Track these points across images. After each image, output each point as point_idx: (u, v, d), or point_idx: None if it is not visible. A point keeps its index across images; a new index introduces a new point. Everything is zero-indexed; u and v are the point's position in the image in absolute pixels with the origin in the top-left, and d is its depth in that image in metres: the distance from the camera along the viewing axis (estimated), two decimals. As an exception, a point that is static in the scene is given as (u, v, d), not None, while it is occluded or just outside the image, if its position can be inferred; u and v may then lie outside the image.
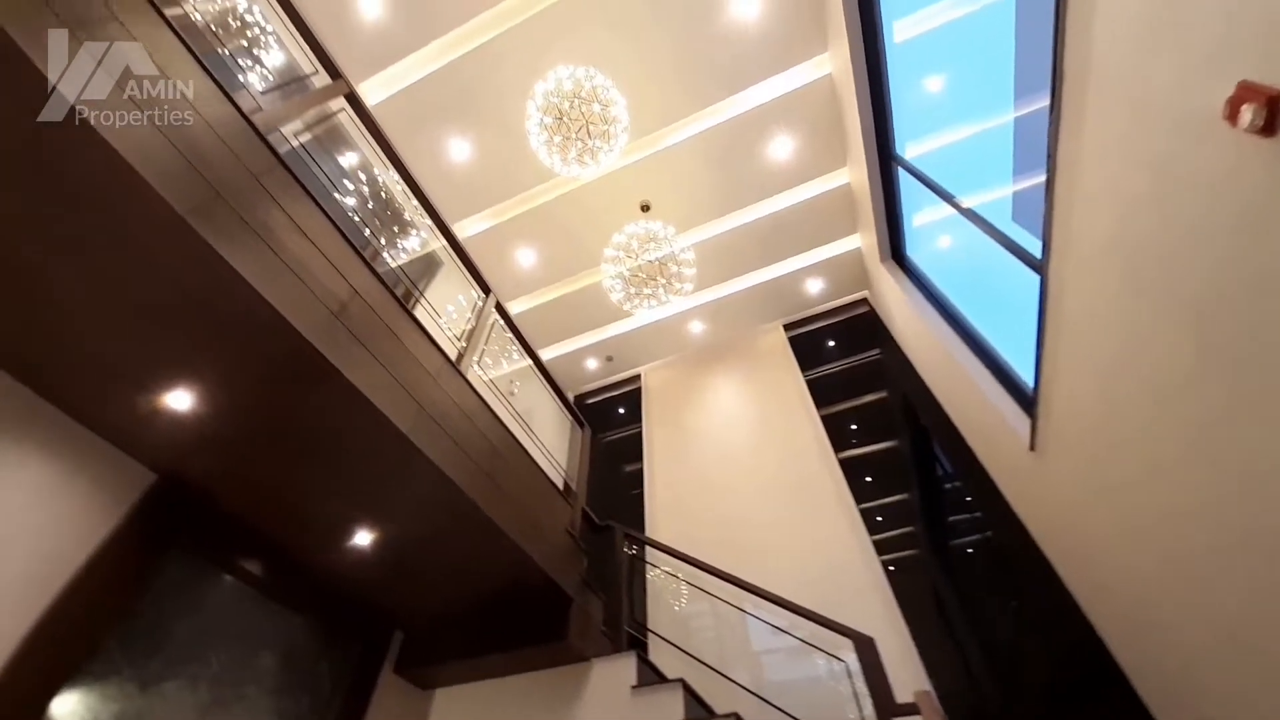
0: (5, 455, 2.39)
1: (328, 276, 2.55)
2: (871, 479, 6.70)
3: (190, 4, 2.86)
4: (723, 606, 4.27)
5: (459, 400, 3.18)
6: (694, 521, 5.68)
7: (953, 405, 4.71)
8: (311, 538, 3.18)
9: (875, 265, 6.09)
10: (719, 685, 3.62)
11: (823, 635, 3.39)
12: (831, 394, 6.46)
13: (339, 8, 4.79)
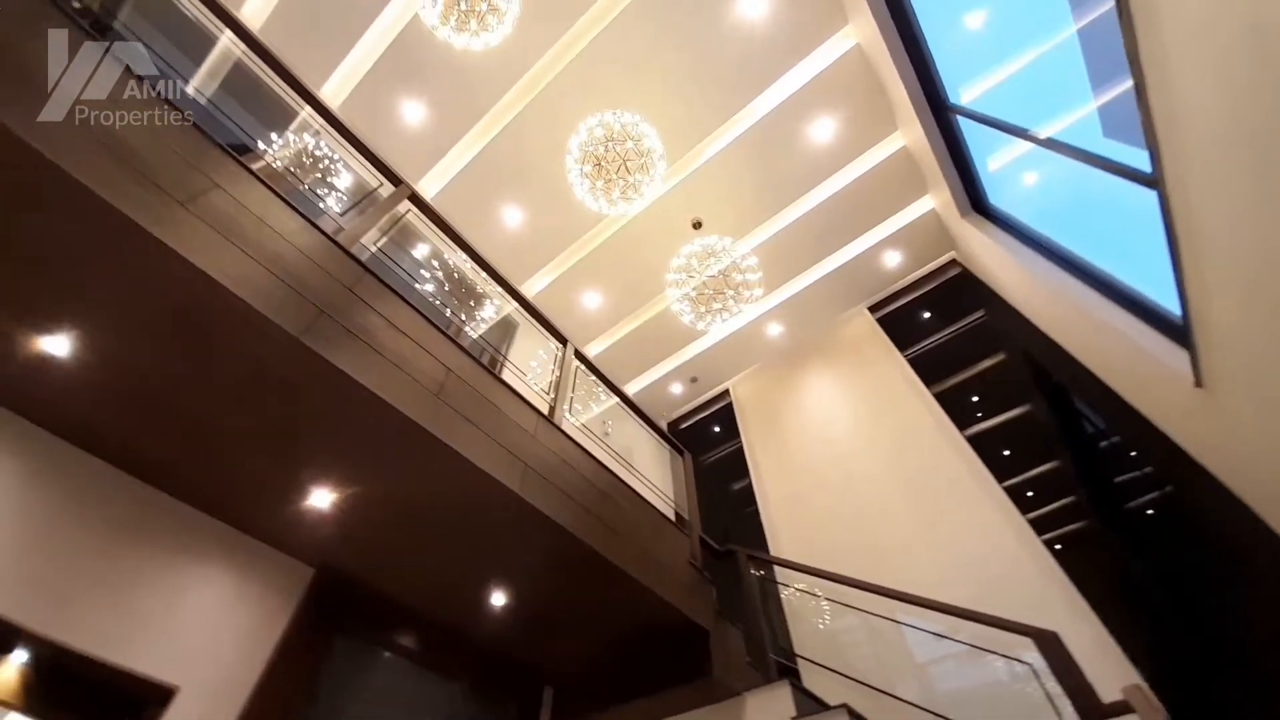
0: (196, 573, 2.75)
1: (424, 361, 2.75)
2: (1009, 452, 6.06)
3: (270, 157, 3.29)
4: (873, 619, 3.97)
5: (559, 451, 3.27)
6: (819, 530, 5.39)
7: (1088, 353, 4.18)
8: (454, 606, 3.36)
9: (956, 223, 5.65)
10: (886, 706, 3.33)
11: (994, 635, 3.05)
12: (940, 369, 5.98)
13: (387, 123, 5.31)
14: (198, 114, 2.53)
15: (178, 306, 2.15)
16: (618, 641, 3.57)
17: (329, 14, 4.91)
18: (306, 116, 3.84)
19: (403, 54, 5.06)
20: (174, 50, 3.20)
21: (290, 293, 2.33)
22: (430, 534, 2.98)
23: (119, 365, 2.35)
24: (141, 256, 2.02)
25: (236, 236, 2.27)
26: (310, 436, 2.57)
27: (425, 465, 2.63)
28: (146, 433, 2.60)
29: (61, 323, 2.22)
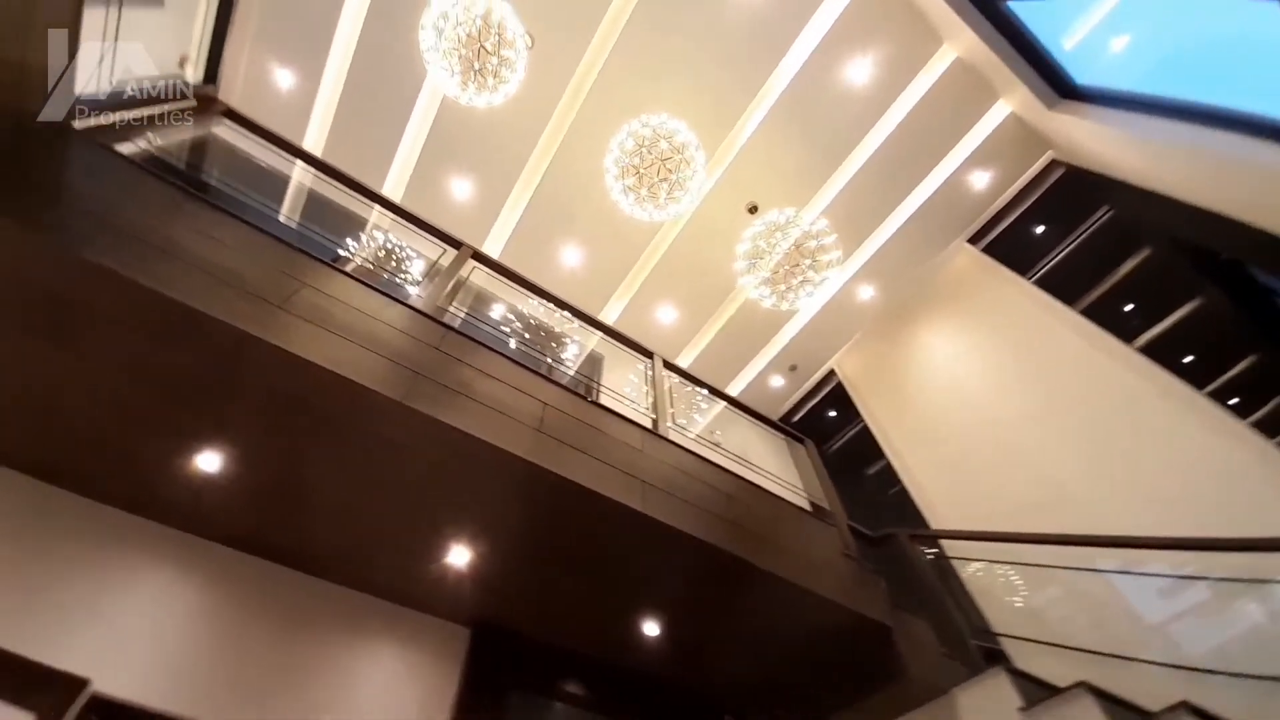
0: (365, 652, 2.86)
1: (520, 401, 2.75)
2: (1194, 356, 5.10)
3: (349, 250, 3.55)
4: (1082, 581, 3.36)
5: (673, 462, 3.12)
6: (981, 493, 4.76)
7: (1260, 211, 3.43)
8: (613, 641, 3.24)
9: (1045, 118, 4.98)
10: (1127, 675, 2.74)
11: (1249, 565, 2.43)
12: (1075, 284, 5.21)
13: (442, 200, 5.67)
14: (283, 233, 2.78)
15: (298, 398, 2.29)
16: (791, 655, 3.26)
17: (375, 122, 5.37)
18: (376, 212, 4.15)
19: (441, 135, 5.39)
20: (254, 180, 3.58)
21: (387, 364, 2.42)
22: (568, 570, 2.91)
23: (263, 467, 2.54)
24: (256, 360, 2.17)
25: (331, 325, 2.40)
26: (435, 495, 2.62)
27: (544, 501, 2.59)
28: (300, 527, 2.78)
29: (208, 440, 2.43)
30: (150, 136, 2.85)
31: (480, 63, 3.70)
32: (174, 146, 3.07)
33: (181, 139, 3.15)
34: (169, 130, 3.02)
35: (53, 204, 2.09)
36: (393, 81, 5.16)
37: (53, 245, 1.96)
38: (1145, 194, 4.58)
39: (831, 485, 4.05)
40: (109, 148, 2.49)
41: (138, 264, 2.05)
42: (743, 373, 7.12)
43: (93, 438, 2.46)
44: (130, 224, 2.22)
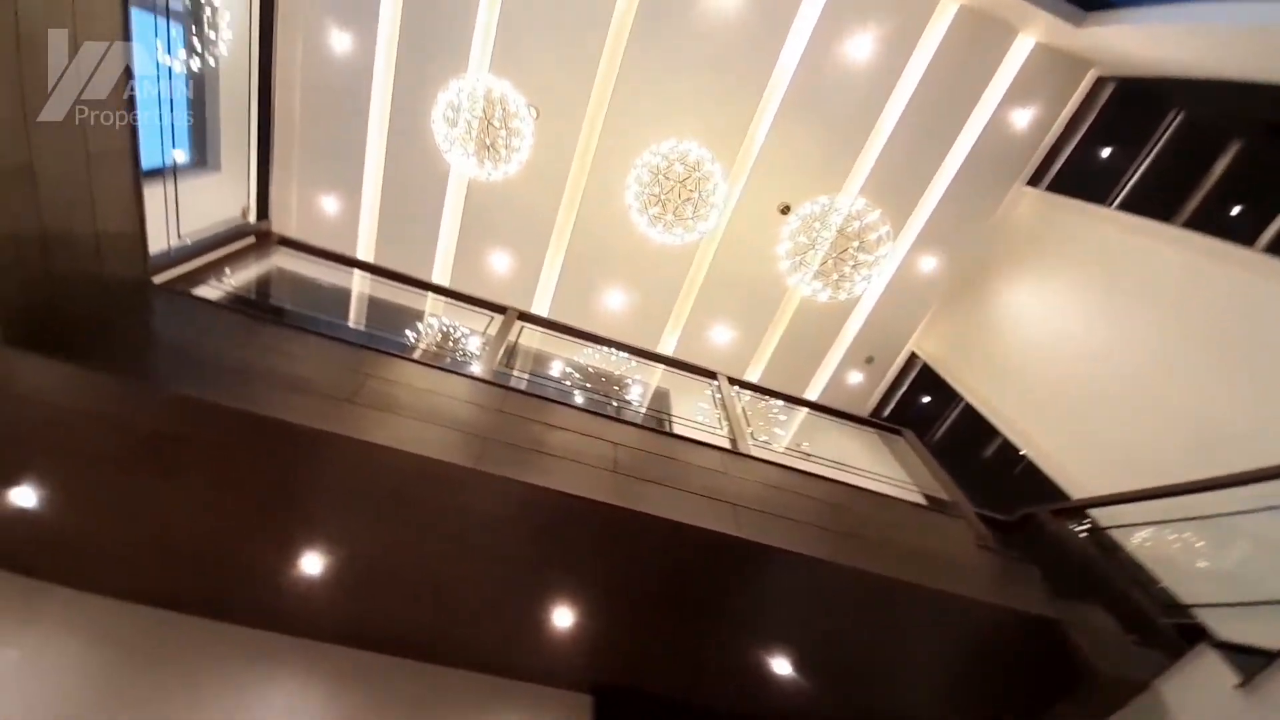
0: (490, 735, 2.76)
1: (590, 446, 2.68)
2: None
3: (423, 346, 3.72)
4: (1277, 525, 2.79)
5: (761, 479, 2.92)
6: (1124, 451, 4.17)
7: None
8: (746, 689, 2.98)
9: (1077, 36, 4.62)
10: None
11: None
12: (1165, 199, 4.65)
13: (486, 275, 5.90)
14: (347, 335, 2.94)
15: (377, 483, 2.33)
16: (952, 675, 2.88)
17: (414, 220, 5.75)
18: (429, 298, 4.35)
19: (473, 215, 5.69)
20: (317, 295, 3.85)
21: (455, 434, 2.43)
22: (678, 614, 2.73)
23: (360, 558, 2.58)
24: (334, 453, 2.23)
25: (397, 408, 2.46)
26: (526, 557, 2.55)
27: (635, 543, 2.45)
28: (404, 613, 2.78)
29: (306, 541, 2.50)
30: (219, 276, 3.13)
31: (490, 138, 3.88)
32: (241, 279, 3.35)
33: (246, 271, 3.44)
34: (234, 266, 3.31)
35: (142, 352, 2.28)
36: (421, 180, 5.53)
37: (147, 389, 2.13)
38: (1215, 85, 4.10)
39: (945, 473, 3.68)
40: (185, 293, 2.74)
41: (220, 389, 2.19)
42: (816, 376, 6.79)
43: (205, 559, 2.59)
44: (210, 355, 2.40)
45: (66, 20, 1.82)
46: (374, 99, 5.19)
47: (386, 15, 4.90)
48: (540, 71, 4.93)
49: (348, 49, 4.97)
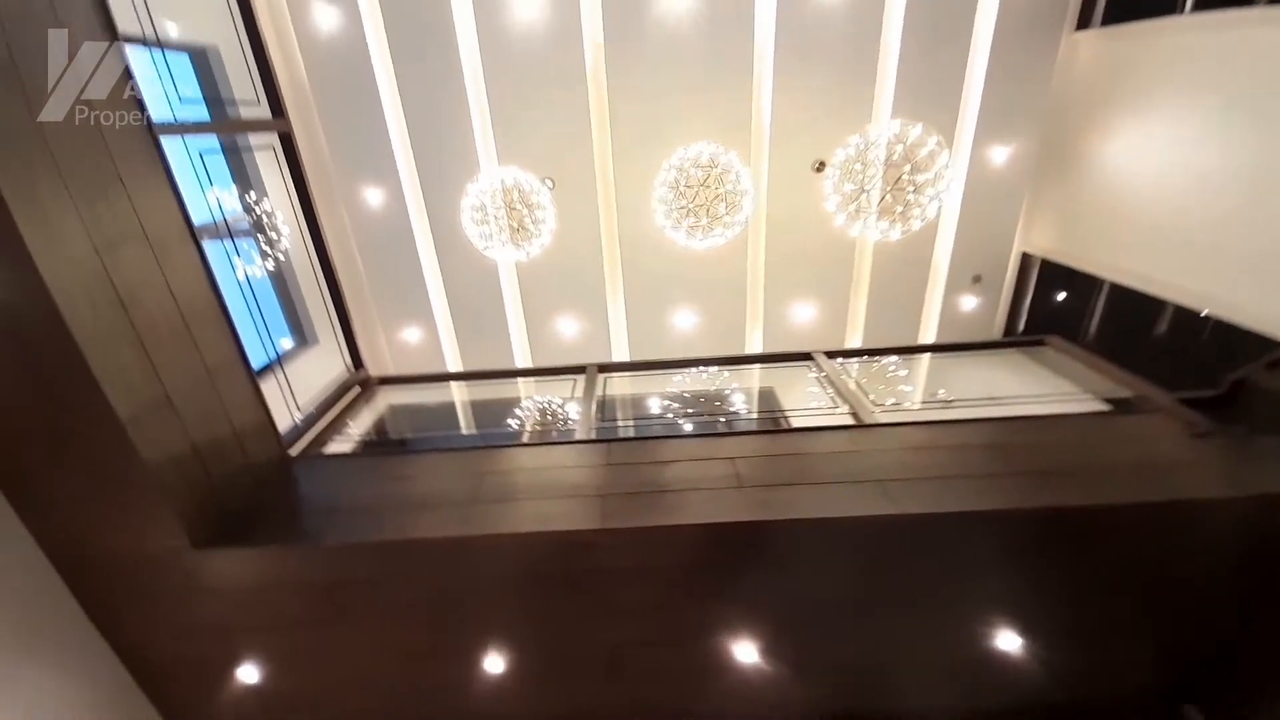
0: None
1: (709, 469, 2.58)
2: None
3: (525, 428, 3.86)
4: None
5: (902, 444, 2.64)
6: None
7: None
8: (983, 683, 2.63)
9: None
10: None
11: None
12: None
13: (561, 343, 6.09)
14: (456, 443, 3.13)
15: (519, 571, 2.38)
16: (1207, 604, 2.36)
17: (484, 318, 6.12)
18: (519, 384, 4.56)
19: (530, 296, 5.95)
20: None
21: (575, 501, 2.45)
22: (876, 618, 2.48)
23: (533, 648, 2.62)
24: (474, 554, 2.32)
25: (516, 494, 2.53)
26: (690, 600, 2.46)
27: (788, 553, 2.28)
28: (593, 691, 2.77)
29: (482, 645, 2.59)
30: (340, 430, 3.47)
31: (517, 221, 4.07)
32: (359, 426, 3.69)
33: (361, 418, 3.79)
34: (351, 417, 3.66)
35: (296, 518, 2.54)
36: (477, 282, 5.90)
37: (307, 549, 2.35)
38: None
39: (1118, 369, 3.15)
40: (318, 455, 3.06)
41: (363, 529, 2.37)
42: (924, 316, 6.21)
43: (401, 686, 2.76)
44: (349, 501, 2.63)
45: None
46: (415, 231, 5.67)
47: (402, 160, 5.39)
48: (542, 143, 5.15)
49: (381, 200, 5.52)
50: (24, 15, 1.73)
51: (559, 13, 4.70)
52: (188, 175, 2.71)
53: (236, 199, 3.75)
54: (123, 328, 2.00)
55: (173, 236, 2.29)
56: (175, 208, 2.32)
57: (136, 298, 2.06)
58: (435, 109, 5.16)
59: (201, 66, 3.78)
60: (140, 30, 2.36)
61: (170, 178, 2.30)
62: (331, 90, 5.09)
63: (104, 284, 1.93)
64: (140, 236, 2.11)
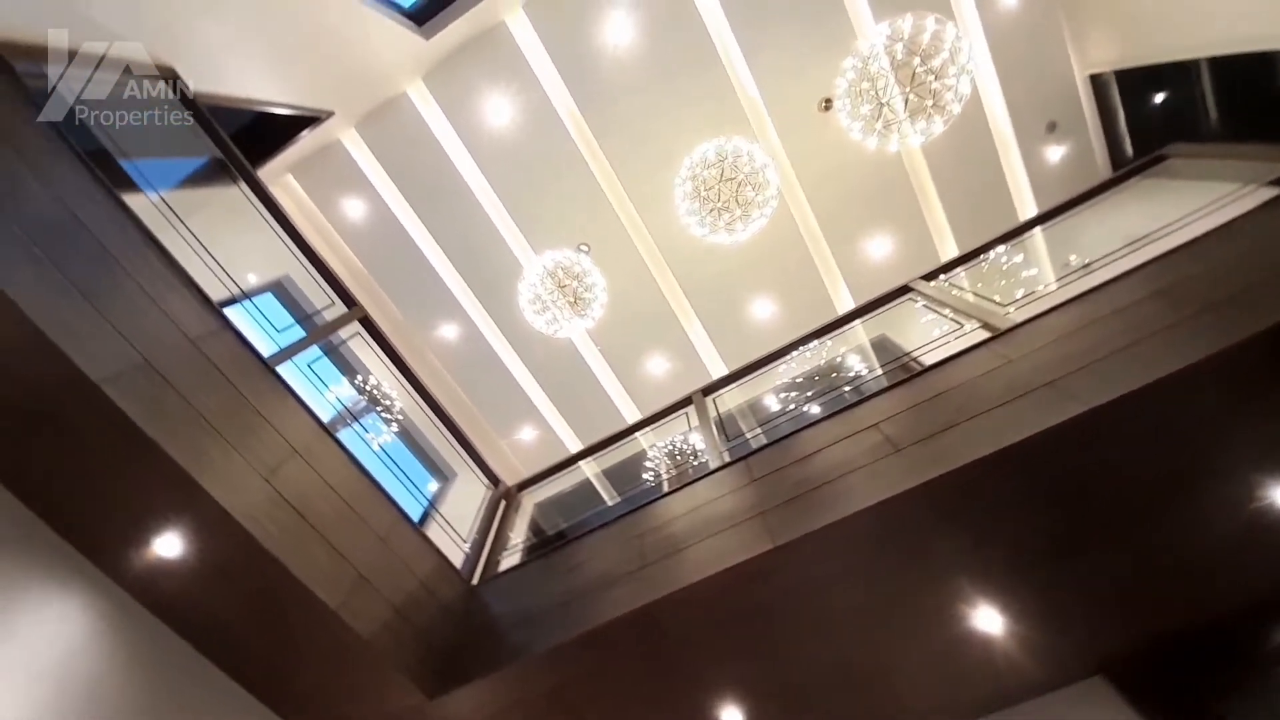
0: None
1: (856, 444, 2.42)
2: None
3: (662, 476, 3.88)
4: None
5: (1053, 334, 2.34)
6: None
7: None
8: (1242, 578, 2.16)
9: None
10: None
11: None
12: None
13: (657, 385, 6.13)
14: (605, 515, 3.19)
15: (716, 615, 2.32)
16: None
17: (585, 395, 6.34)
18: (640, 439, 4.61)
19: (613, 355, 6.10)
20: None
21: (737, 528, 2.37)
22: (1105, 542, 2.14)
23: (770, 688, 2.52)
24: (668, 615, 2.30)
25: (679, 544, 2.51)
26: (893, 591, 2.26)
27: (977, 499, 2.05)
28: (849, 709, 2.60)
29: (715, 698, 2.53)
30: (505, 544, 3.67)
31: (572, 296, 4.24)
32: (519, 533, 3.89)
33: (518, 526, 3.99)
34: (508, 528, 3.87)
35: (500, 637, 2.67)
36: (563, 364, 6.17)
37: (518, 664, 2.44)
38: None
39: (1260, 144, 2.62)
40: (495, 575, 3.24)
41: (558, 627, 2.44)
42: (1013, 191, 5.59)
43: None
44: (538, 605, 2.73)
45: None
46: (493, 345, 6.09)
47: (458, 291, 5.87)
48: (564, 219, 5.40)
49: (455, 332, 6.02)
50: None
51: (529, 105, 4.99)
52: (306, 385, 3.11)
53: (349, 387, 4.24)
54: (305, 530, 2.28)
55: (314, 440, 2.61)
56: (307, 417, 2.66)
57: (306, 501, 2.35)
58: (466, 236, 5.61)
59: (283, 295, 4.40)
60: (230, 293, 2.81)
61: (295, 396, 2.65)
62: (382, 263, 5.72)
63: (278, 502, 2.23)
64: (291, 452, 2.43)
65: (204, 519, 2.01)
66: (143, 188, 2.71)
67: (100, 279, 2.01)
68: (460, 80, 4.91)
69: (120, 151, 2.86)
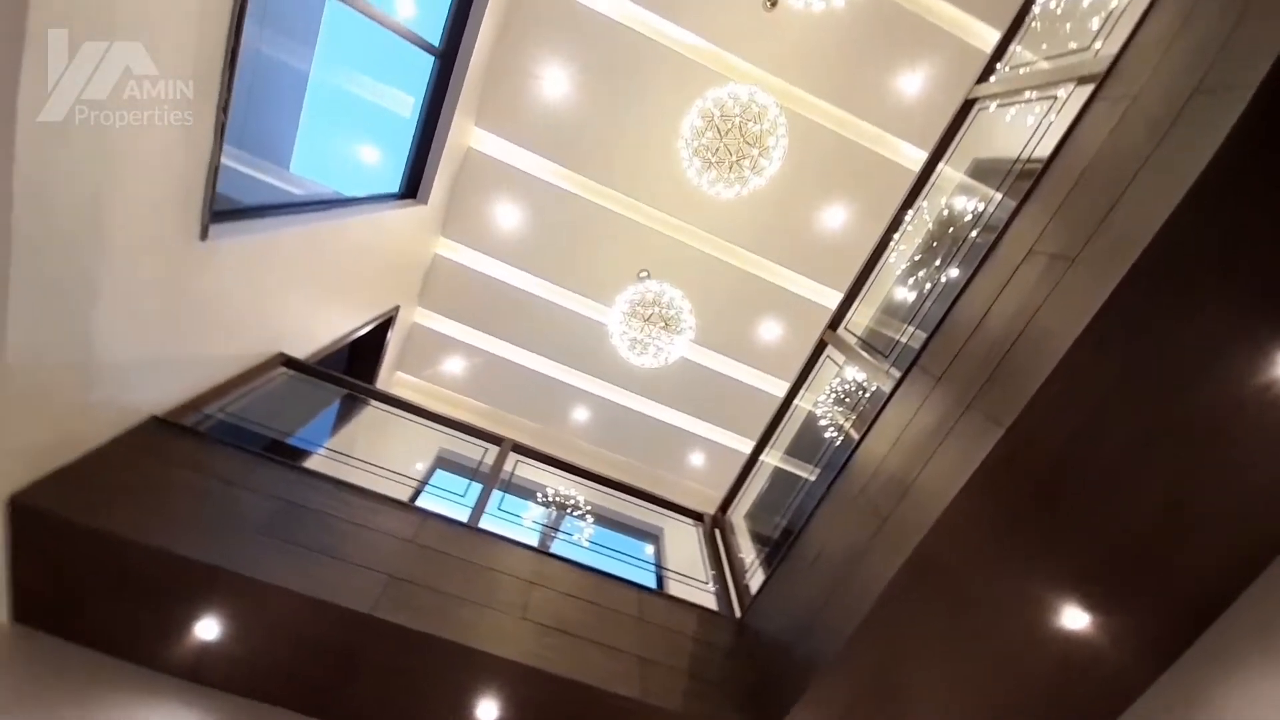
0: None
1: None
2: None
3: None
4: None
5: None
6: None
7: None
8: None
9: None
10: None
11: None
12: None
13: (777, 354, 5.90)
14: (814, 496, 3.07)
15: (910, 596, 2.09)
16: None
17: (728, 397, 6.27)
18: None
19: (722, 341, 6.01)
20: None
21: (953, 442, 2.16)
22: None
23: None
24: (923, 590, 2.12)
25: (914, 488, 2.33)
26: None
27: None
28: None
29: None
30: (742, 570, 3.65)
31: (661, 322, 4.29)
32: (748, 554, 3.86)
33: (743, 547, 3.97)
34: (737, 552, 3.86)
35: (792, 653, 2.62)
36: (698, 384, 6.18)
37: (830, 668, 2.35)
38: None
39: None
40: (752, 601, 3.22)
41: (840, 623, 2.35)
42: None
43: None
44: (804, 611, 2.65)
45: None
46: (623, 402, 6.28)
47: (567, 376, 6.18)
48: (614, 265, 5.53)
49: (586, 411, 6.30)
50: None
51: (529, 194, 5.27)
52: (507, 525, 3.41)
53: (537, 506, 4.58)
54: (576, 643, 2.44)
55: (538, 566, 2.82)
56: (522, 550, 2.89)
57: (562, 618, 2.53)
58: (547, 331, 6.01)
59: (447, 465, 4.90)
60: (413, 487, 3.22)
61: (504, 539, 2.92)
62: (499, 393, 6.23)
63: (543, 630, 2.42)
64: (528, 585, 2.64)
65: (499, 675, 2.23)
66: (313, 450, 3.21)
67: (324, 533, 2.38)
68: (467, 214, 5.32)
69: (283, 434, 3.42)
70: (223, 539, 2.17)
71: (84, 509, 2.02)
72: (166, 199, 2.11)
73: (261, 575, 2.08)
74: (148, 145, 1.97)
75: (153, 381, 2.50)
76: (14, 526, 1.95)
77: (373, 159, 4.90)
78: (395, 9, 4.02)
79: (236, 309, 2.92)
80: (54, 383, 1.96)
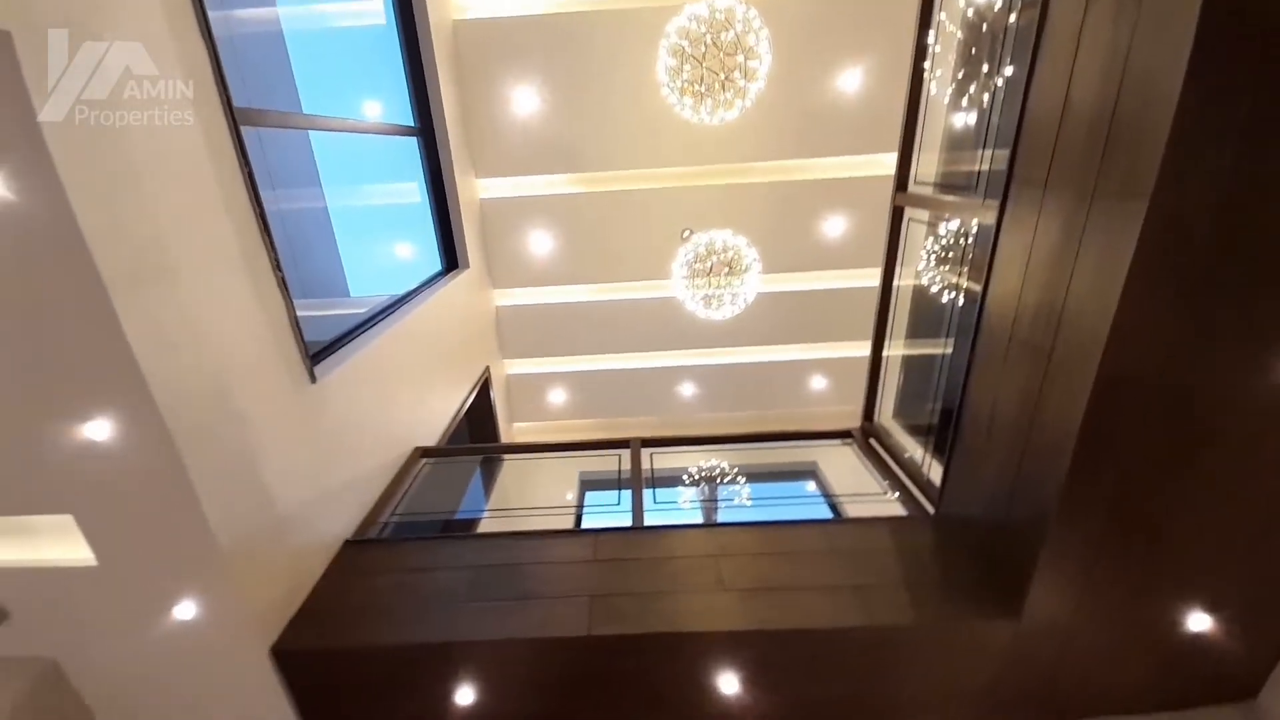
0: None
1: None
2: None
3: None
4: None
5: None
6: None
7: None
8: None
9: None
10: None
11: None
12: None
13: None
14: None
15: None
16: None
17: (835, 314, 5.97)
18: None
19: (798, 260, 5.72)
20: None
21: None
22: None
23: None
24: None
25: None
26: None
27: None
28: None
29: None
30: (917, 468, 3.46)
31: (725, 267, 4.17)
32: (918, 456, 3.64)
33: (905, 445, 3.75)
34: (908, 457, 3.66)
35: (1005, 529, 2.44)
36: (790, 310, 5.95)
37: (1045, 525, 2.17)
38: None
39: None
40: (939, 493, 3.04)
41: (1035, 479, 2.15)
42: None
43: None
44: (993, 478, 2.45)
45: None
46: (729, 361, 6.18)
47: (666, 361, 6.20)
48: (654, 242, 5.43)
49: (693, 388, 6.28)
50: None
51: (550, 211, 5.33)
52: (669, 514, 3.51)
53: (688, 488, 4.64)
54: (785, 596, 2.43)
55: (712, 537, 2.85)
56: (694, 531, 2.93)
57: (760, 575, 2.53)
58: (626, 327, 6.05)
59: (593, 484, 5.09)
60: (574, 513, 3.40)
61: (672, 527, 2.97)
62: (610, 402, 6.37)
63: (748, 593, 2.43)
64: (714, 558, 2.67)
65: (724, 649, 2.28)
66: (478, 516, 3.47)
67: (518, 581, 2.58)
68: (505, 258, 5.52)
69: (449, 513, 3.72)
70: (441, 617, 2.39)
71: (329, 635, 2.32)
72: (263, 359, 2.34)
73: (486, 635, 2.27)
74: (233, 314, 2.19)
75: (332, 514, 2.81)
76: (284, 670, 2.28)
77: (410, 251, 5.20)
78: (364, 113, 4.23)
79: (364, 427, 3.21)
80: (260, 546, 2.25)
